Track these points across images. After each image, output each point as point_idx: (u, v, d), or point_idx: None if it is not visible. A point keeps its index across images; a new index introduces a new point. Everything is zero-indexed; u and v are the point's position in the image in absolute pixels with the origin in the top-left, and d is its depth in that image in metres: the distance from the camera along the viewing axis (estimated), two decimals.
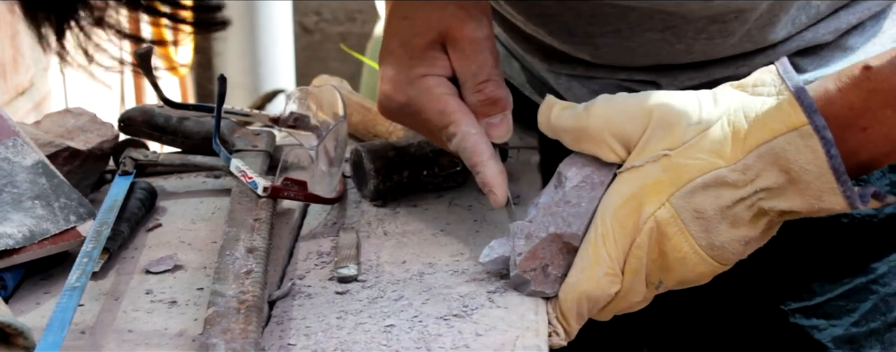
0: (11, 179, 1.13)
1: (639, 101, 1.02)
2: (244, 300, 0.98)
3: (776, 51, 1.21)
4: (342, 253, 1.12)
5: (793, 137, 0.97)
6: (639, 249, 1.01)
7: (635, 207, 1.00)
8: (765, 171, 0.98)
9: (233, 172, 1.20)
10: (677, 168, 1.00)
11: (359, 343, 0.97)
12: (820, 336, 1.25)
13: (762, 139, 0.98)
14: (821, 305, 1.26)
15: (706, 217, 0.99)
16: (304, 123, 1.33)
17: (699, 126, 1.00)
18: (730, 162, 0.99)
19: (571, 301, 1.02)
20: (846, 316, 1.25)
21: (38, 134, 1.25)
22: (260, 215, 1.13)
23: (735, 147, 0.99)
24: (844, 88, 0.97)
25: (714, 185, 0.99)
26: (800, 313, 1.26)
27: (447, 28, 1.08)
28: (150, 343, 0.99)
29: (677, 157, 1.00)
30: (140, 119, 1.35)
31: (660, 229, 1.00)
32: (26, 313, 1.05)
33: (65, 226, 1.11)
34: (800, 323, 1.25)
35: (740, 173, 0.99)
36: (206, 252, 1.14)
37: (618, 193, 1.01)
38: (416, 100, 1.08)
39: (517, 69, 1.36)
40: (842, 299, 1.26)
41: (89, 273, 1.04)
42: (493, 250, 1.05)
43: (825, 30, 1.21)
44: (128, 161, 1.27)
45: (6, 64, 2.23)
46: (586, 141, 1.03)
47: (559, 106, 1.04)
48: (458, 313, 1.01)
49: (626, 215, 1.01)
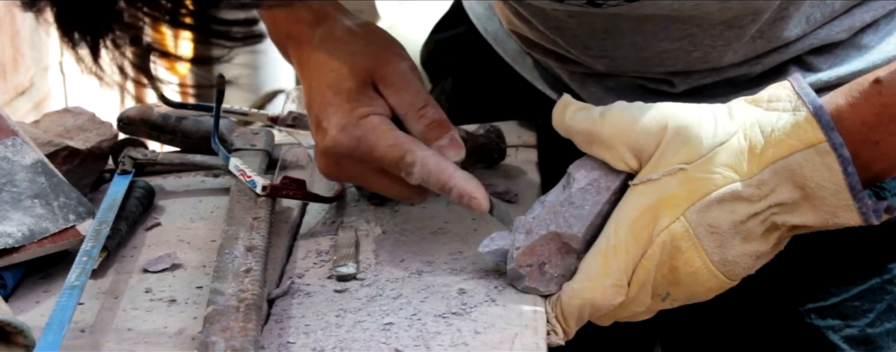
0: (11, 179, 1.13)
1: (655, 113, 1.02)
2: (243, 299, 0.98)
3: (789, 49, 1.21)
4: (341, 251, 1.12)
5: (810, 154, 0.98)
6: (649, 261, 1.01)
7: (650, 219, 1.01)
8: (780, 186, 0.99)
9: (232, 170, 1.21)
10: (693, 182, 1.00)
11: (358, 341, 0.97)
12: (835, 337, 1.25)
13: (779, 155, 0.99)
14: (836, 305, 1.26)
15: (720, 232, 1.00)
16: (302, 123, 1.33)
17: (715, 140, 1.00)
18: (745, 177, 0.99)
19: (574, 307, 1.02)
20: (862, 317, 1.25)
21: (37, 133, 1.25)
22: (259, 214, 1.13)
23: (751, 162, 0.99)
24: (856, 103, 0.98)
25: (729, 199, 1.00)
26: (815, 313, 1.26)
27: (374, 68, 1.09)
28: (149, 342, 0.99)
29: (694, 171, 1.00)
30: (139, 118, 1.35)
31: (673, 243, 1.00)
32: (26, 312, 1.05)
33: (64, 225, 1.11)
34: (815, 323, 1.25)
35: (755, 188, 0.99)
36: (206, 251, 1.14)
37: (633, 205, 1.01)
38: (365, 139, 1.07)
39: (530, 65, 1.36)
40: (857, 300, 1.25)
41: (89, 272, 1.04)
42: (493, 241, 1.06)
43: (839, 28, 1.20)
44: (127, 160, 1.27)
45: (6, 64, 2.23)
46: (598, 146, 1.03)
47: (574, 107, 1.04)
48: (456, 311, 1.01)
49: (641, 228, 1.01)
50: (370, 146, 1.07)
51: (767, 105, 1.01)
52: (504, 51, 1.38)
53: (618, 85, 1.27)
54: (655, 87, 1.26)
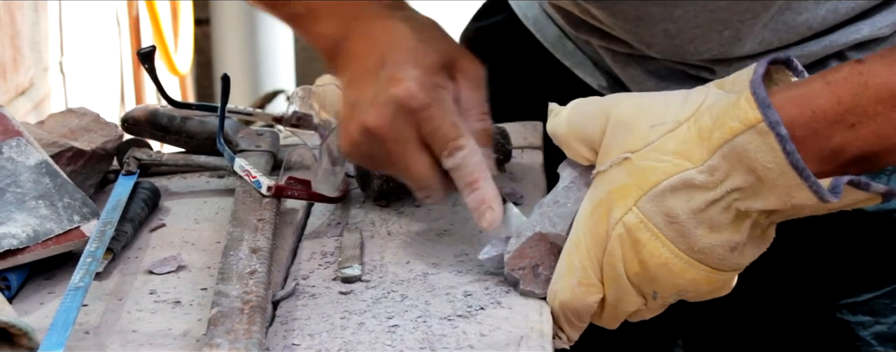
0: (15, 179, 1.12)
1: (600, 103, 1.02)
2: (248, 301, 0.98)
3: (826, 39, 1.19)
4: (346, 253, 1.12)
5: (752, 135, 0.94)
6: (611, 256, 0.99)
7: (604, 212, 0.99)
8: (733, 171, 0.95)
9: (237, 171, 1.20)
10: (642, 171, 0.98)
11: (363, 343, 0.97)
12: (864, 333, 1.25)
13: (724, 139, 0.95)
14: (867, 302, 1.25)
15: (679, 221, 0.97)
16: (306, 122, 1.33)
17: (664, 127, 0.98)
18: (697, 163, 0.96)
19: (556, 309, 1.02)
20: (892, 314, 1.25)
21: (41, 134, 1.25)
22: (264, 215, 1.13)
23: (701, 147, 0.96)
24: (834, 82, 0.95)
25: (682, 187, 0.97)
26: (846, 309, 1.25)
27: (456, 59, 1.09)
28: (153, 343, 0.99)
29: (639, 159, 0.98)
30: (144, 119, 1.35)
31: (631, 236, 0.98)
32: (30, 314, 1.04)
33: (68, 226, 1.11)
34: (846, 318, 1.25)
35: (708, 175, 0.96)
36: (210, 252, 1.14)
37: (589, 199, 1.01)
38: (437, 105, 1.06)
39: (570, 50, 1.36)
40: (888, 297, 1.25)
41: (93, 273, 1.04)
42: (493, 247, 1.06)
43: (882, 23, 1.19)
44: (131, 161, 1.27)
45: (6, 64, 2.23)
46: (563, 145, 1.04)
47: (552, 112, 1.05)
48: (462, 314, 1.01)
49: (596, 222, 1.00)
50: (437, 113, 1.05)
51: (730, 87, 0.99)
52: (544, 37, 1.38)
53: (659, 68, 1.26)
54: (696, 73, 1.25)
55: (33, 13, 2.39)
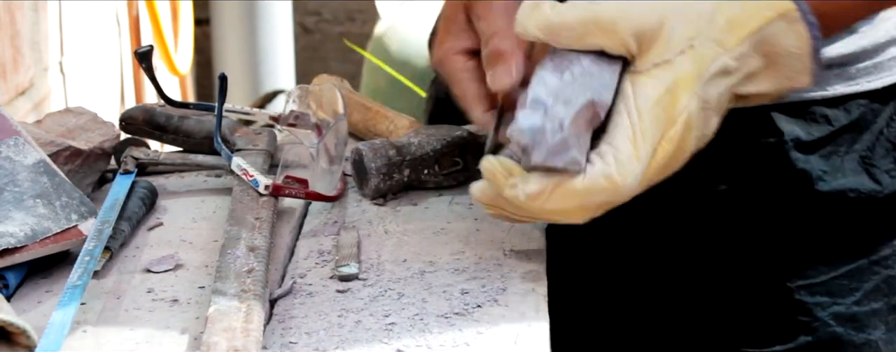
0: (13, 178, 1.13)
1: None
2: (246, 299, 0.98)
3: None
4: (343, 252, 1.12)
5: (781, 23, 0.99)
6: (669, 142, 1.00)
7: (670, 101, 1.00)
8: (753, 57, 1.00)
9: (234, 170, 1.21)
10: (700, 59, 1.00)
11: (360, 341, 0.97)
12: (822, 314, 1.25)
13: (758, 26, 1.00)
14: (824, 282, 1.25)
15: (710, 107, 1.01)
16: (304, 122, 1.33)
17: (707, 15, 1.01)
18: (729, 49, 1.00)
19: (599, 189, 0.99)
20: (849, 295, 1.25)
21: (39, 133, 1.25)
22: (261, 214, 1.13)
23: (731, 33, 1.00)
24: None
25: (719, 74, 1.00)
26: (804, 289, 1.25)
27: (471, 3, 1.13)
28: (151, 342, 0.99)
29: (700, 47, 1.00)
30: (141, 118, 1.35)
31: (691, 122, 1.00)
32: (28, 312, 1.05)
33: (66, 225, 1.11)
34: (804, 300, 1.25)
35: (737, 61, 1.00)
36: (208, 251, 1.14)
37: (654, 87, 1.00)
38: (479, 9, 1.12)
39: None
40: (845, 278, 1.25)
41: (91, 272, 1.05)
42: (528, 117, 1.00)
43: None
44: (129, 160, 1.27)
45: (6, 64, 2.23)
46: (596, 35, 1.00)
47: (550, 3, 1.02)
48: (459, 312, 1.01)
49: (662, 110, 1.00)
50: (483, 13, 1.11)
51: None
52: None
53: None
54: None
55: (33, 13, 2.39)
